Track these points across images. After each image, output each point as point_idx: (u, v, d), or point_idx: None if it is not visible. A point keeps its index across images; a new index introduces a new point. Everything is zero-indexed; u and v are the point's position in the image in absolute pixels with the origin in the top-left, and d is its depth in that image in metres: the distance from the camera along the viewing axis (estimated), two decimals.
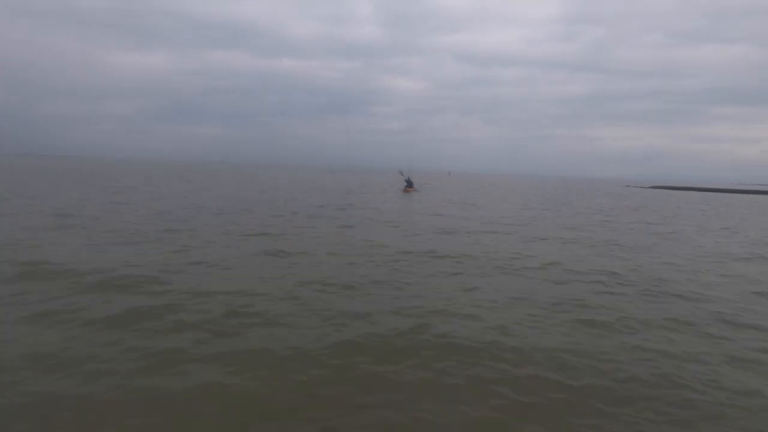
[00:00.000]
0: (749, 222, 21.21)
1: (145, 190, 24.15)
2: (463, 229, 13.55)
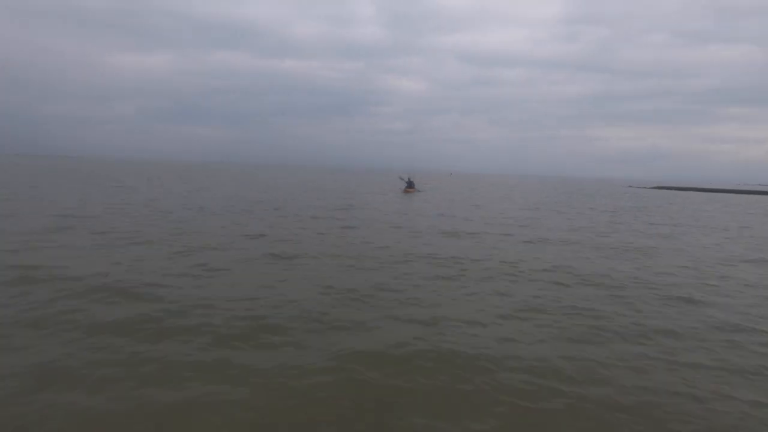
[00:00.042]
0: (755, 223, 21.07)
1: (146, 190, 24.07)
2: (466, 231, 13.43)
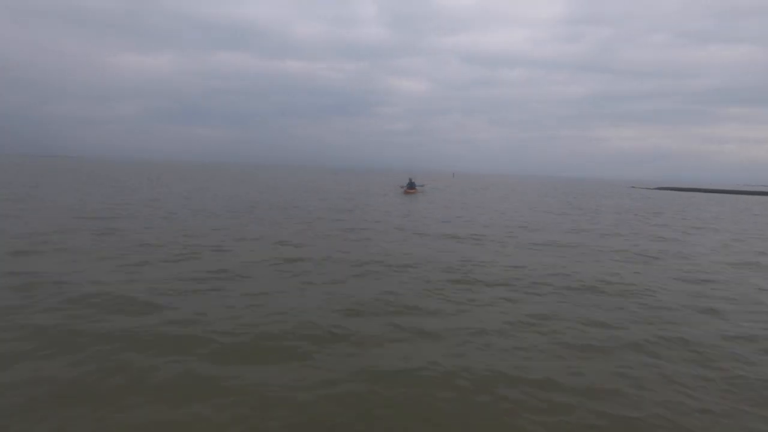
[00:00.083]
0: (761, 224, 20.88)
1: (147, 190, 23.85)
2: (470, 233, 13.26)
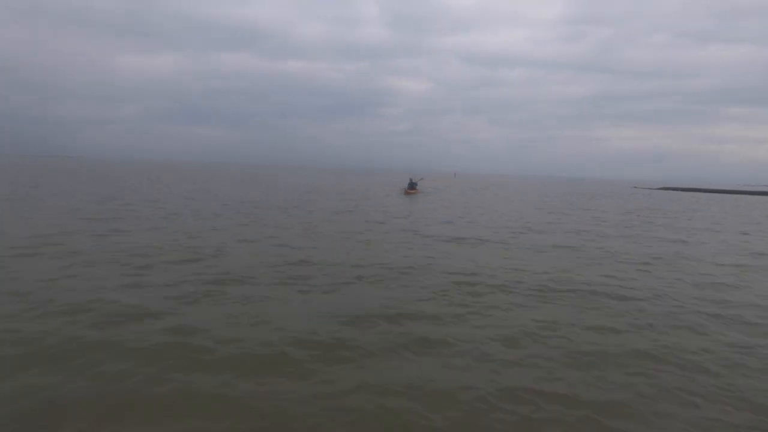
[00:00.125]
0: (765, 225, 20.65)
1: (147, 191, 23.66)
2: (475, 236, 13.01)
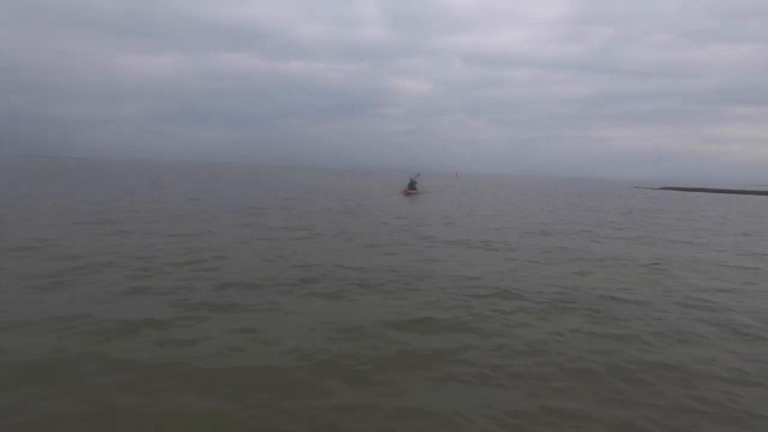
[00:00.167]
0: None
1: (148, 192, 23.53)
2: (481, 240, 12.72)
